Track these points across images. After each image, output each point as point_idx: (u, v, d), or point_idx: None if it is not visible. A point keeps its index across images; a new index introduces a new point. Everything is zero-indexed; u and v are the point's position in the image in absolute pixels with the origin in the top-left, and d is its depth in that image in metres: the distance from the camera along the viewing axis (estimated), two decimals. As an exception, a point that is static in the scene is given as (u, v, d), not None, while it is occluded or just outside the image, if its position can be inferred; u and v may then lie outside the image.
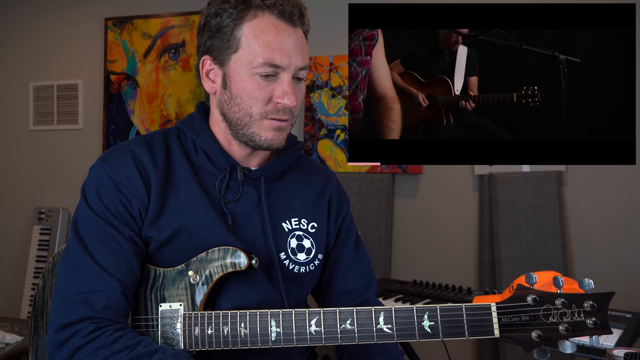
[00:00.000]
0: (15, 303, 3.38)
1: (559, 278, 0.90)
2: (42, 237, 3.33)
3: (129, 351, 0.92)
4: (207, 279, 1.00)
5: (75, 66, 3.42)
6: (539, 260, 2.48)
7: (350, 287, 1.21)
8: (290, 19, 1.02)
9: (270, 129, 1.05)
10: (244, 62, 1.01)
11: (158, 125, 3.24)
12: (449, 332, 0.92)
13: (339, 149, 2.87)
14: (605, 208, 2.52)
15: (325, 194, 1.21)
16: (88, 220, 1.00)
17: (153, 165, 1.04)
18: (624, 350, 0.94)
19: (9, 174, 3.56)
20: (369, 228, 2.75)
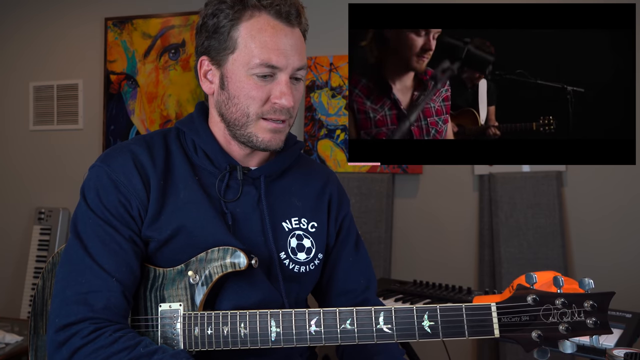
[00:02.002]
0: (15, 303, 3.38)
1: (559, 278, 0.90)
2: (42, 237, 3.33)
3: (128, 351, 0.92)
4: (206, 279, 1.00)
5: (75, 66, 3.42)
6: (539, 260, 2.48)
7: (351, 287, 1.21)
8: (287, 19, 1.02)
9: (267, 131, 1.05)
10: (241, 62, 1.01)
11: (158, 125, 3.24)
12: (449, 332, 0.92)
13: (339, 149, 2.87)
14: (605, 208, 2.51)
15: (325, 194, 1.21)
16: (87, 221, 1.00)
17: (152, 165, 1.04)
18: (624, 350, 0.94)
19: (9, 174, 3.56)
20: (369, 228, 2.75)
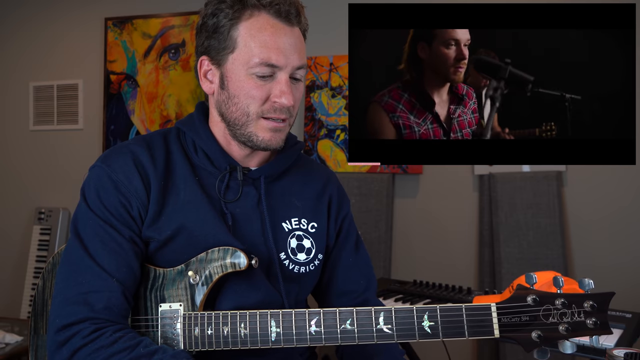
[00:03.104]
0: (15, 303, 3.38)
1: (559, 278, 0.90)
2: (42, 237, 3.33)
3: (129, 351, 0.92)
4: (206, 279, 1.00)
5: (75, 66, 3.42)
6: (539, 260, 2.48)
7: (351, 287, 1.21)
8: (286, 18, 1.02)
9: (268, 130, 1.05)
10: (240, 62, 1.01)
11: (158, 125, 3.24)
12: (449, 333, 0.92)
13: (339, 149, 2.87)
14: (605, 208, 2.51)
15: (325, 194, 1.21)
16: (88, 221, 1.00)
17: (153, 166, 1.04)
18: (624, 350, 0.94)
19: (9, 174, 3.56)
20: (369, 228, 2.75)
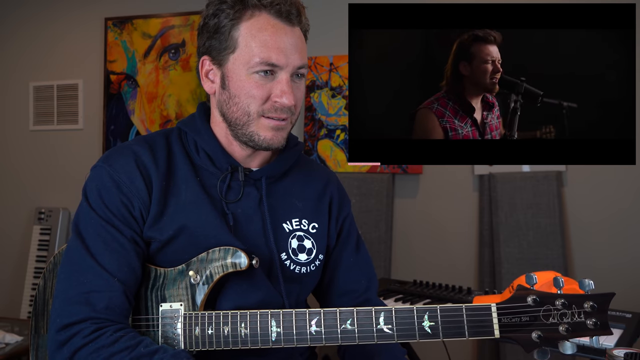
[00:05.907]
0: (15, 303, 3.38)
1: (559, 278, 0.90)
2: (42, 237, 3.33)
3: (129, 351, 0.92)
4: (207, 279, 1.00)
5: (75, 66, 3.42)
6: (539, 260, 2.48)
7: (352, 287, 1.21)
8: (287, 18, 1.02)
9: (269, 129, 1.05)
10: (241, 61, 1.02)
11: (158, 125, 3.24)
12: (449, 333, 0.92)
13: (339, 149, 2.87)
14: (605, 208, 2.52)
15: (326, 195, 1.21)
16: (89, 221, 1.00)
17: (155, 166, 1.04)
18: (624, 350, 0.94)
19: (9, 174, 3.56)
20: (369, 228, 2.75)
